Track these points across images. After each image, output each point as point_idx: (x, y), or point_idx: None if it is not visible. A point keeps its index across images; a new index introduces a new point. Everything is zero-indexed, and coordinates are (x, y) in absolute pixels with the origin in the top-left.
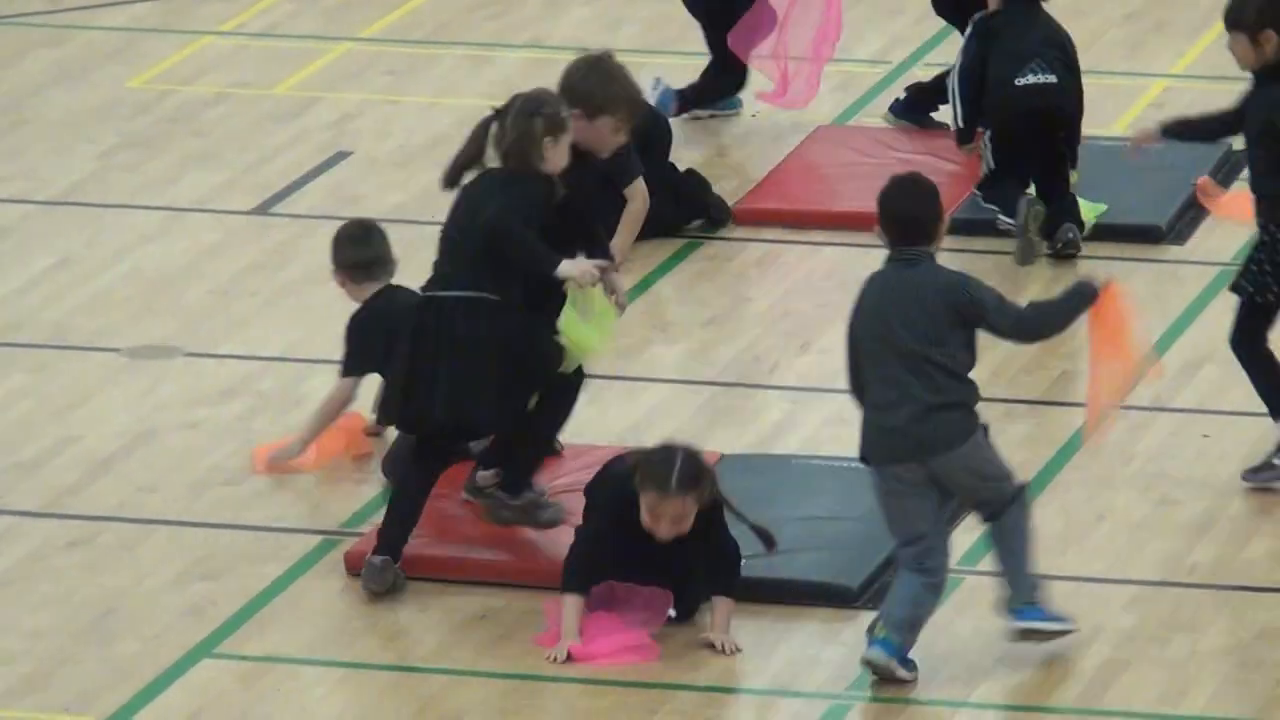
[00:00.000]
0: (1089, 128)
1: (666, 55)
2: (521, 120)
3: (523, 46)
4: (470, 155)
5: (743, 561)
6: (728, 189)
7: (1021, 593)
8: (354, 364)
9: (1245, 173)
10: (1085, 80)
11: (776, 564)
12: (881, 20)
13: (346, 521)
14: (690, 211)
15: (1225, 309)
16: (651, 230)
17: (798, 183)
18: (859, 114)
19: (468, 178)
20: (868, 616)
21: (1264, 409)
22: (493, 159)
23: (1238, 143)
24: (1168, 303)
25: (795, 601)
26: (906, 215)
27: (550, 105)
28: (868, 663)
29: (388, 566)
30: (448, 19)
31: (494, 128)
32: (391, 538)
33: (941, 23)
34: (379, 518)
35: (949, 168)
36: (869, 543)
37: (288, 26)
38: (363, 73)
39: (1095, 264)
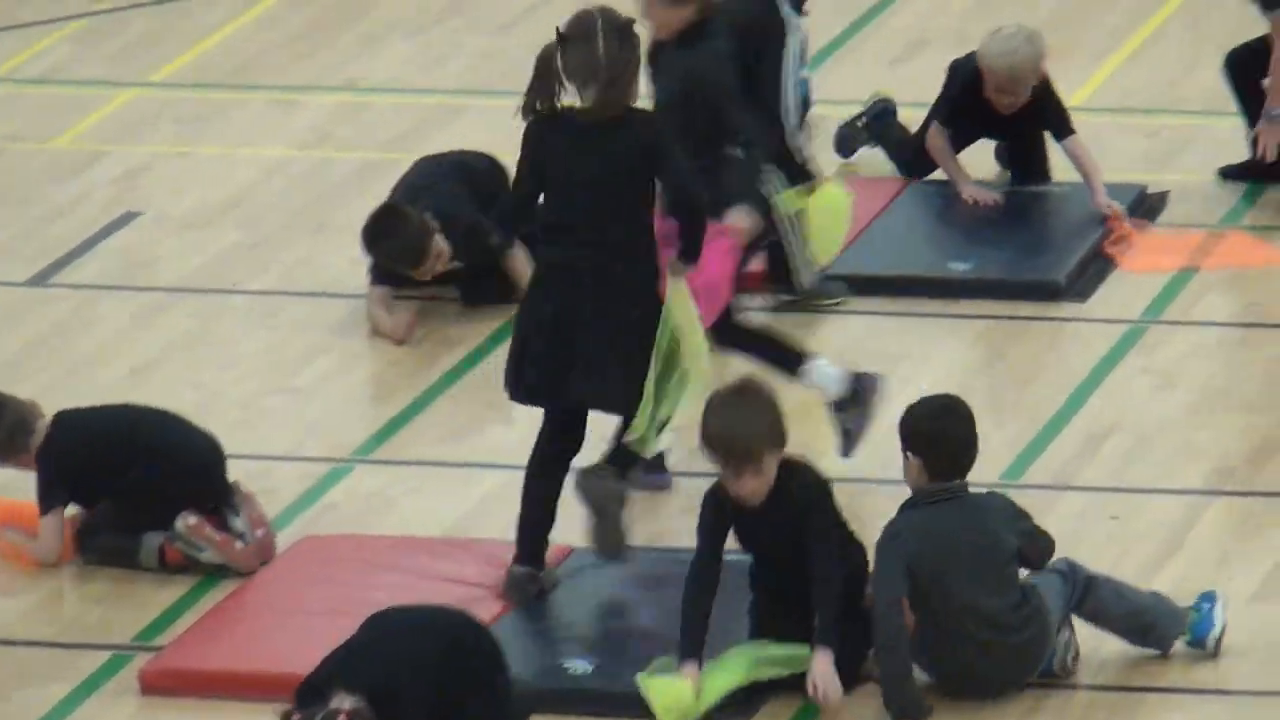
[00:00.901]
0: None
1: (492, 96)
2: (621, 47)
3: (336, 89)
4: (542, 92)
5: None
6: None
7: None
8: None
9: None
10: None
11: (629, 674)
12: None
13: (139, 634)
14: None
15: (1134, 372)
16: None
17: None
18: None
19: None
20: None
21: (1181, 485)
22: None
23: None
24: (1069, 367)
25: (650, 716)
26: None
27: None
28: None
29: (532, 578)
30: (248, 60)
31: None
32: (530, 547)
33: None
34: (177, 629)
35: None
36: (730, 643)
37: (67, 71)
38: (153, 122)
39: (989, 324)
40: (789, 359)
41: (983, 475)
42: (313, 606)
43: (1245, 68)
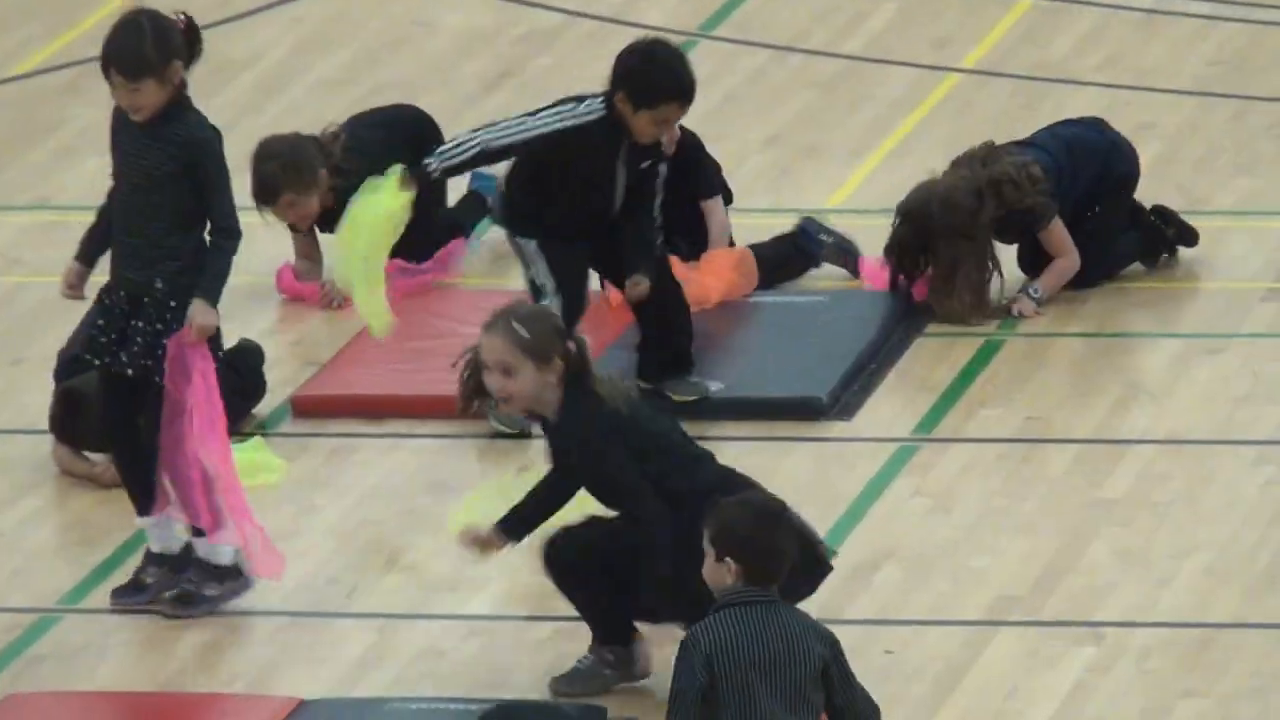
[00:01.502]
0: None
1: None
2: None
3: (26, 208)
4: None
5: None
6: (286, 374)
7: None
8: None
9: None
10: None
11: None
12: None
13: None
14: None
15: (906, 494)
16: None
17: (372, 363)
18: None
19: None
20: None
21: (961, 616)
22: None
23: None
24: (835, 490)
25: None
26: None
27: None
28: None
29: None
30: None
31: None
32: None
33: None
34: None
35: None
36: None
37: None
38: None
39: (747, 446)
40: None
41: None
42: None
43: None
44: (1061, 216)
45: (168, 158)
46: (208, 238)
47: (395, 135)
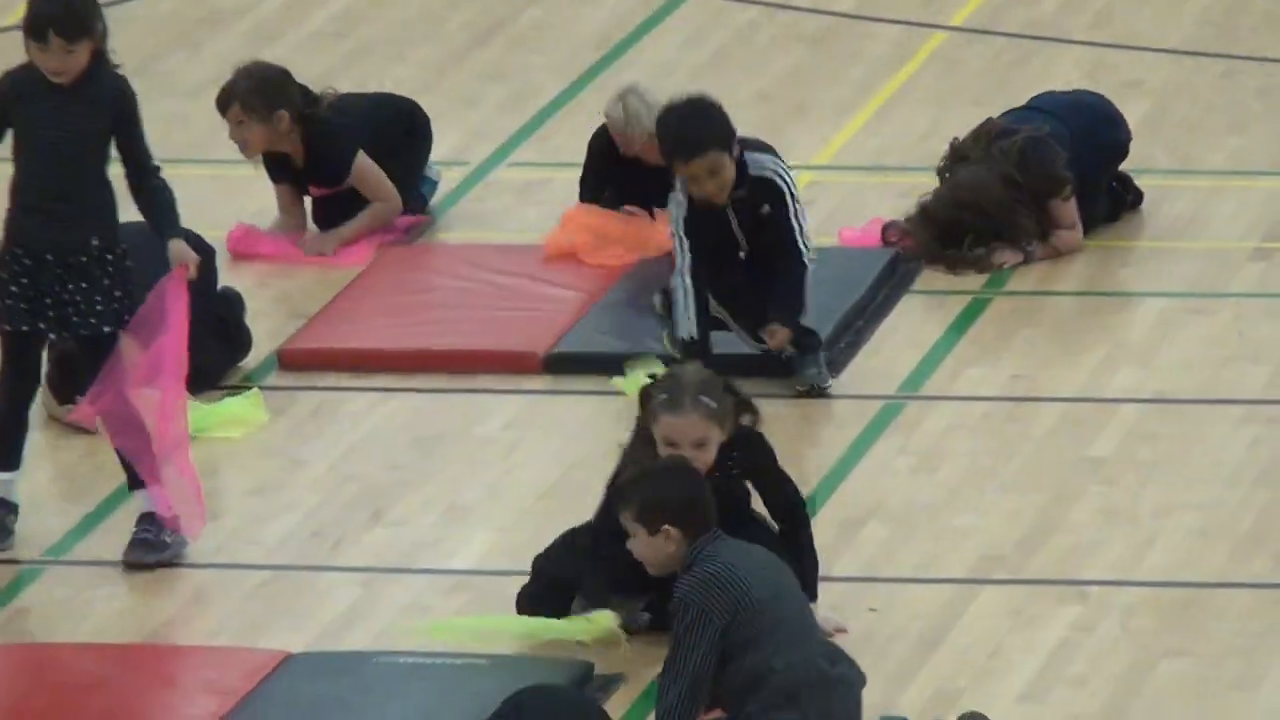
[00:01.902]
0: None
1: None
2: None
3: None
4: None
5: None
6: (270, 326)
7: None
8: None
9: None
10: None
11: None
12: (455, 112)
13: None
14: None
15: (891, 453)
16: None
17: (360, 315)
18: (438, 226)
19: None
20: None
21: (945, 574)
22: None
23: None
24: (821, 448)
25: None
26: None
27: None
28: None
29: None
30: None
31: None
32: None
33: (526, 117)
34: None
35: (550, 291)
36: None
37: None
38: None
39: None
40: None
41: None
42: None
43: None
44: None
45: (97, 114)
46: (131, 183)
47: (383, 115)
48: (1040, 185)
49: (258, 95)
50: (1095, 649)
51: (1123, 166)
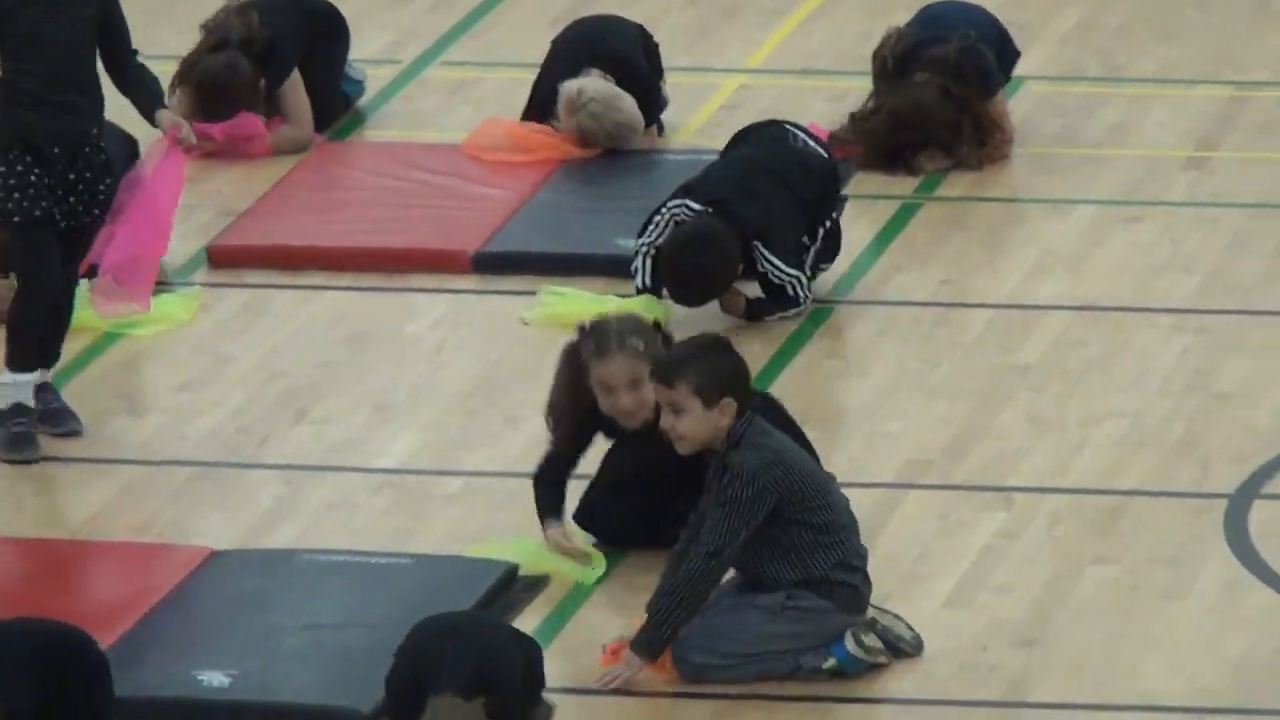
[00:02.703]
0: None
1: None
2: None
3: None
4: None
5: None
6: (200, 222)
7: None
8: None
9: None
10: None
11: (272, 684)
12: (387, 11)
13: None
14: None
15: (820, 357)
16: None
17: (289, 213)
18: (365, 125)
19: None
20: None
21: (873, 478)
22: None
23: None
24: (750, 351)
25: None
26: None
27: None
28: None
29: None
30: None
31: None
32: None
33: (459, 15)
34: None
35: (481, 190)
36: (381, 656)
37: None
38: None
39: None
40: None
41: None
42: None
43: None
44: None
45: (92, 11)
46: (114, 65)
47: (305, 20)
48: (977, 90)
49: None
50: (1021, 556)
51: (1055, 73)
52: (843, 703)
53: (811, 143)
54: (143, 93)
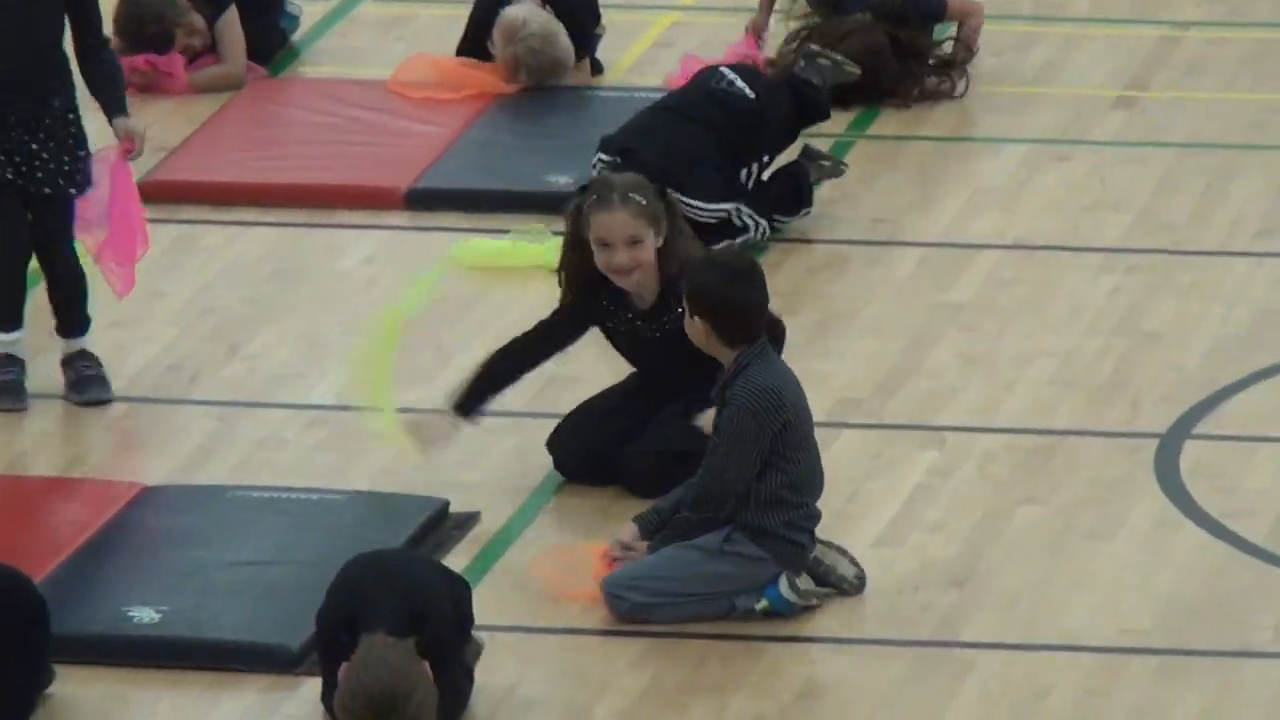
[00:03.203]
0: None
1: None
2: None
3: None
4: None
5: None
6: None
7: None
8: None
9: None
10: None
11: (202, 620)
12: None
13: None
14: None
15: None
16: None
17: (221, 148)
18: (299, 61)
19: None
20: (312, 684)
21: None
22: None
23: None
24: None
25: (225, 667)
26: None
27: None
28: None
29: None
30: None
31: None
32: None
33: None
34: None
35: (413, 126)
36: (311, 593)
37: None
38: None
39: None
40: None
41: None
42: None
43: None
44: None
45: None
46: (79, 47)
47: None
48: (920, 29)
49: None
50: (952, 495)
51: (990, 11)
52: (774, 641)
53: (739, 83)
54: (105, 89)
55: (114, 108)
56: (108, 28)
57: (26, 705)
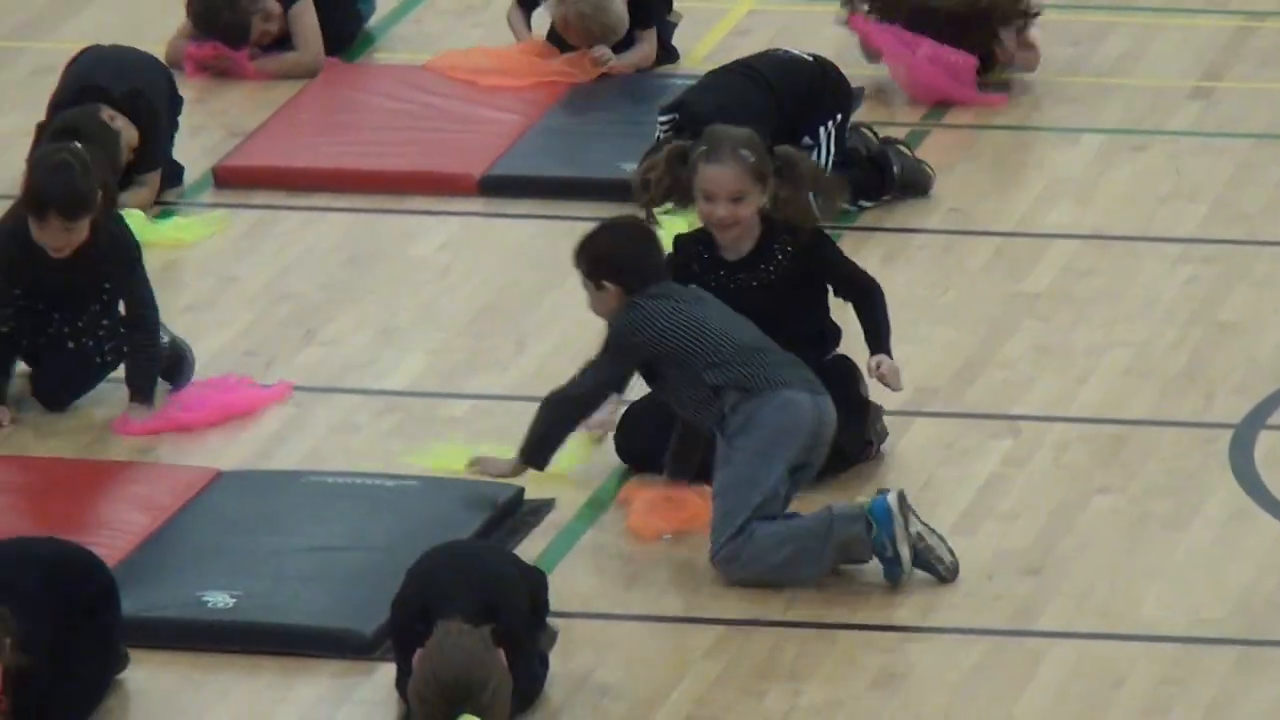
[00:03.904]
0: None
1: None
2: None
3: None
4: None
5: None
6: (208, 143)
7: None
8: None
9: None
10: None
11: (276, 605)
12: None
13: None
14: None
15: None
16: None
17: (297, 135)
18: (377, 46)
19: None
20: (386, 669)
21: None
22: None
23: None
24: None
25: (299, 653)
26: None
27: None
28: None
29: None
30: None
31: None
32: None
33: None
34: None
35: (487, 113)
36: (387, 579)
37: None
38: None
39: None
40: None
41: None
42: None
43: None
44: None
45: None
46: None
47: None
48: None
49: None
50: (1026, 484)
51: (1066, 1)
52: (848, 629)
53: (799, 50)
54: (131, 376)
55: (133, 384)
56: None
57: (99, 687)
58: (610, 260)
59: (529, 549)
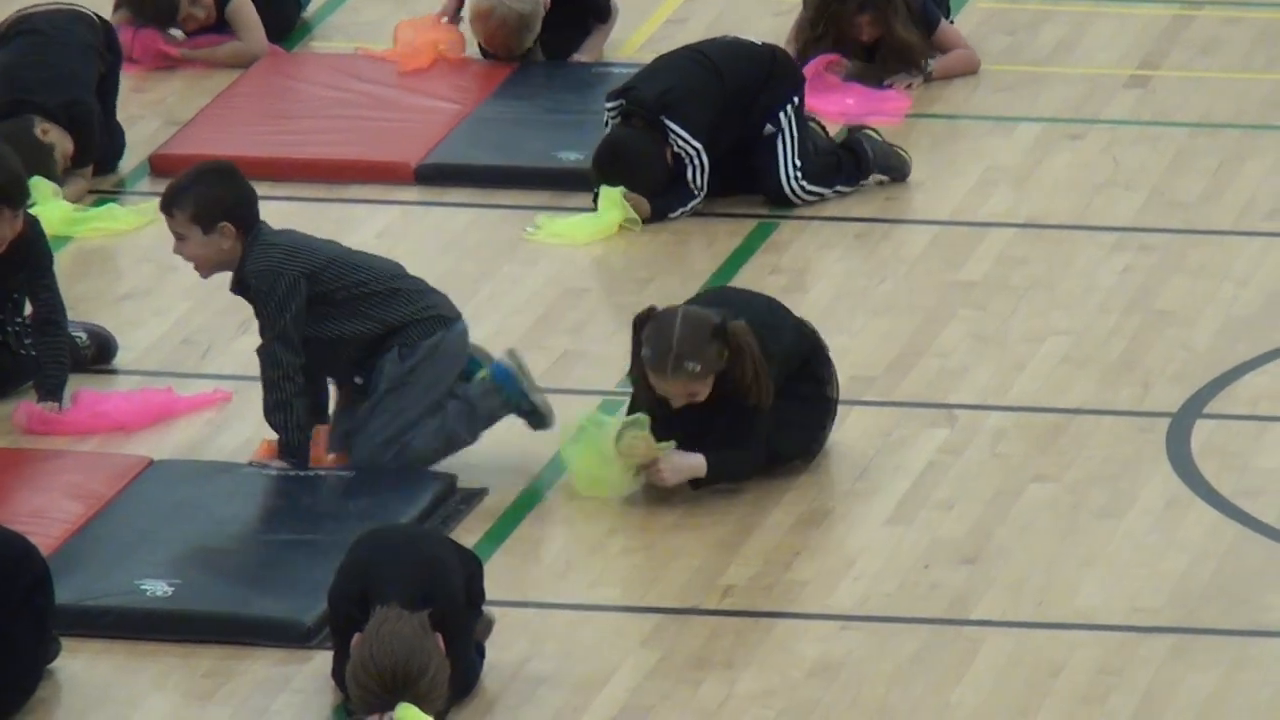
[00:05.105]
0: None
1: None
2: None
3: None
4: None
5: None
6: (145, 132)
7: None
8: None
9: None
10: None
11: (214, 595)
12: None
13: None
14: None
15: (763, 271)
16: None
17: (234, 124)
18: (313, 35)
19: None
20: (323, 658)
21: None
22: None
23: None
24: (692, 266)
25: (236, 641)
26: None
27: None
28: None
29: None
30: None
31: None
32: None
33: None
34: None
35: (424, 102)
36: (322, 567)
37: None
38: None
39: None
40: None
41: (603, 383)
42: None
43: None
44: None
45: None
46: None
47: None
48: (923, 29)
49: None
50: (963, 472)
51: None
52: (784, 618)
53: (746, 36)
54: (43, 359)
55: (40, 383)
56: None
57: (34, 675)
58: (226, 200)
59: (464, 538)
